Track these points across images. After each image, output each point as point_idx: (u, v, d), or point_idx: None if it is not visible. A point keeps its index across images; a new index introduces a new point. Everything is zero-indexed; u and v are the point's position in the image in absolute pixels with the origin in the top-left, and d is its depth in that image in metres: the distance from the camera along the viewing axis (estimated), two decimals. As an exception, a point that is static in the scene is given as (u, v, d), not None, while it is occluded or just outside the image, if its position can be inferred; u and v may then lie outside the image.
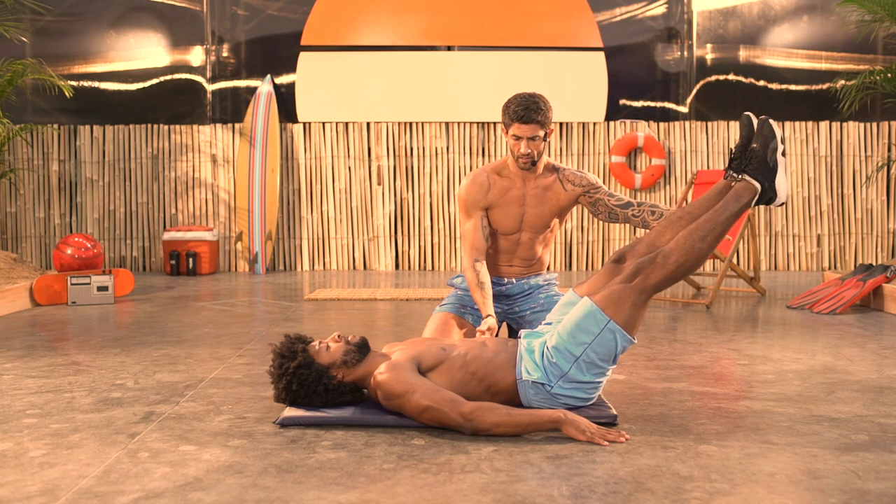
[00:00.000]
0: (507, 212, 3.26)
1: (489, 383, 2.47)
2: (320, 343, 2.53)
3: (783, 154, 2.53)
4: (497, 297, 3.33)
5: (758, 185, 2.52)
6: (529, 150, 3.14)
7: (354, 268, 8.66)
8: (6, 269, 5.93)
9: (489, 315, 3.00)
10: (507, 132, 3.17)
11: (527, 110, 3.08)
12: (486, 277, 3.15)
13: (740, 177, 2.53)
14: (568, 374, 2.44)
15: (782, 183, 2.53)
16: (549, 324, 2.65)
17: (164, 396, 2.83)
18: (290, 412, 2.46)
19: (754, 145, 2.52)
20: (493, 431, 2.29)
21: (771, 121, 2.56)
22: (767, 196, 2.54)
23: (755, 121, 2.57)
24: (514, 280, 3.36)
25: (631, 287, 2.44)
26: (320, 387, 2.46)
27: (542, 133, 3.13)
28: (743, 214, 2.53)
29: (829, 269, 8.53)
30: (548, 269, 3.54)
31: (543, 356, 2.47)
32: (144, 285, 6.98)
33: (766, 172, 2.51)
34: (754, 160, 2.51)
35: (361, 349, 2.52)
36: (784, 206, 2.56)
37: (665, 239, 2.60)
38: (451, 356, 2.48)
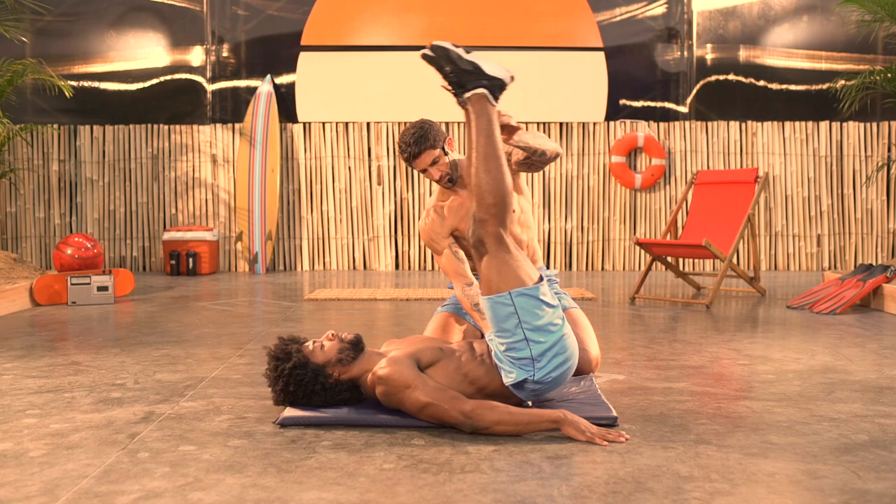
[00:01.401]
0: (469, 221, 3.28)
1: (480, 386, 2.46)
2: (314, 343, 2.53)
3: (466, 51, 2.51)
4: None
5: (480, 90, 2.49)
6: (439, 174, 3.20)
7: (354, 268, 8.66)
8: (6, 269, 5.93)
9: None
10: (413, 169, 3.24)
11: (407, 151, 3.17)
12: (479, 298, 3.19)
13: (467, 97, 2.50)
14: (534, 355, 2.42)
15: (493, 67, 2.51)
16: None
17: (164, 396, 2.83)
18: (290, 412, 2.45)
19: (446, 68, 2.50)
20: (493, 430, 2.29)
21: (435, 42, 2.52)
22: (496, 87, 2.51)
23: (430, 53, 2.53)
24: None
25: (487, 257, 2.43)
26: (317, 386, 2.46)
27: (435, 154, 3.17)
28: (494, 118, 2.50)
29: (829, 269, 8.53)
30: (548, 266, 3.54)
31: (507, 360, 2.47)
32: (144, 285, 6.98)
33: (475, 74, 2.49)
34: (458, 76, 2.49)
35: (356, 347, 2.51)
36: (513, 79, 2.53)
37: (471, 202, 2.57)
38: (448, 356, 2.48)
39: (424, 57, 2.51)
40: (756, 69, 8.70)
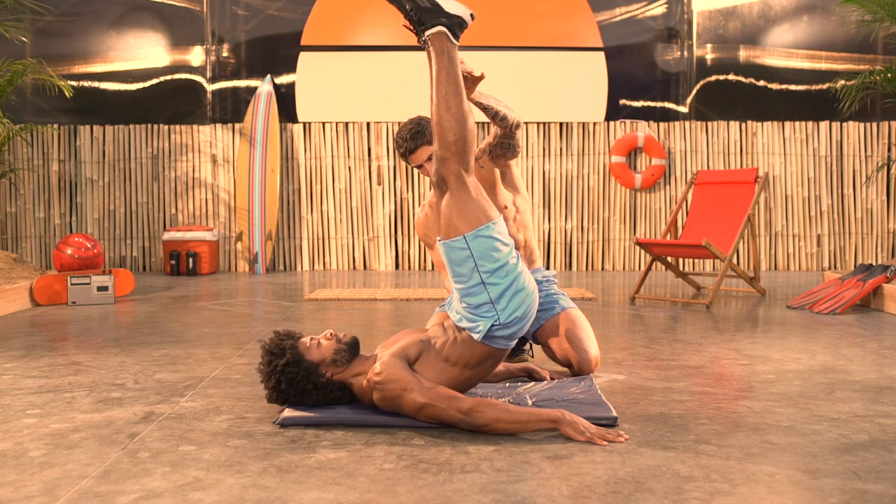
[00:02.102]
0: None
1: (463, 363, 2.46)
2: (311, 339, 2.52)
3: None
4: None
5: (440, 28, 2.50)
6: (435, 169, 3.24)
7: (354, 268, 8.66)
8: (6, 269, 5.93)
9: None
10: (409, 165, 3.30)
11: (404, 146, 3.27)
12: None
13: (426, 35, 2.51)
14: (492, 297, 2.43)
15: (451, 4, 2.52)
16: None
17: (164, 396, 2.83)
18: (290, 412, 2.45)
19: (406, 6, 2.51)
20: (492, 427, 2.29)
21: None
22: (454, 25, 2.52)
23: None
24: None
25: (447, 195, 2.45)
26: (309, 384, 2.45)
27: (431, 150, 3.21)
28: (455, 56, 2.50)
29: (829, 269, 8.53)
30: (547, 267, 3.56)
31: (468, 310, 2.47)
32: (144, 285, 6.98)
33: (434, 12, 2.50)
34: (418, 14, 2.50)
35: (352, 349, 2.51)
36: (473, 17, 2.53)
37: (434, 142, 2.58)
38: (427, 347, 2.49)
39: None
40: (756, 69, 8.70)
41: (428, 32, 2.51)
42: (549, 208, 8.67)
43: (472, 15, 2.54)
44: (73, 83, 8.31)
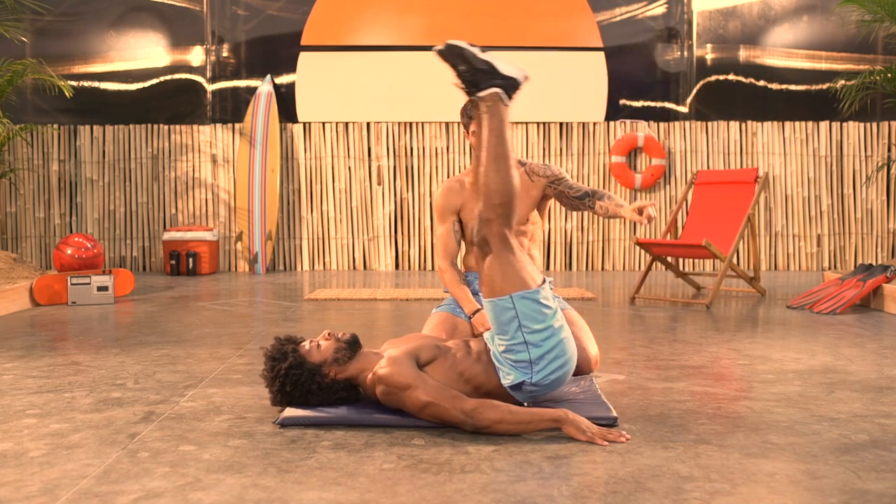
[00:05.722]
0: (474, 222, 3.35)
1: (476, 385, 2.46)
2: (311, 342, 2.53)
3: (482, 50, 2.48)
4: None
5: (495, 89, 2.47)
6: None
7: (354, 268, 8.66)
8: (6, 269, 5.93)
9: (478, 309, 3.17)
10: (468, 133, 3.29)
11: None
12: (462, 276, 3.36)
13: (481, 96, 2.48)
14: (532, 358, 2.42)
15: (507, 66, 2.48)
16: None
17: (164, 396, 2.83)
18: (290, 412, 2.45)
19: (461, 67, 2.47)
20: (494, 429, 2.29)
21: (450, 41, 2.49)
22: (511, 87, 2.49)
23: (444, 50, 2.48)
24: None
25: (490, 257, 2.43)
26: (314, 385, 2.46)
27: None
28: (506, 118, 2.47)
29: (829, 269, 8.53)
30: (546, 270, 3.59)
31: (505, 361, 2.46)
32: (144, 285, 6.98)
33: (489, 73, 2.46)
34: (472, 75, 2.46)
35: (352, 346, 2.51)
36: (528, 79, 2.51)
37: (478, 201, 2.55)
38: (444, 353, 2.49)
39: (439, 53, 2.48)
40: (756, 69, 8.70)
41: (482, 94, 2.47)
42: (548, 208, 8.66)
43: (526, 77, 2.50)
44: (73, 83, 8.31)
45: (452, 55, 2.45)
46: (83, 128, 8.58)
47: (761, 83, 8.69)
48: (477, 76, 2.46)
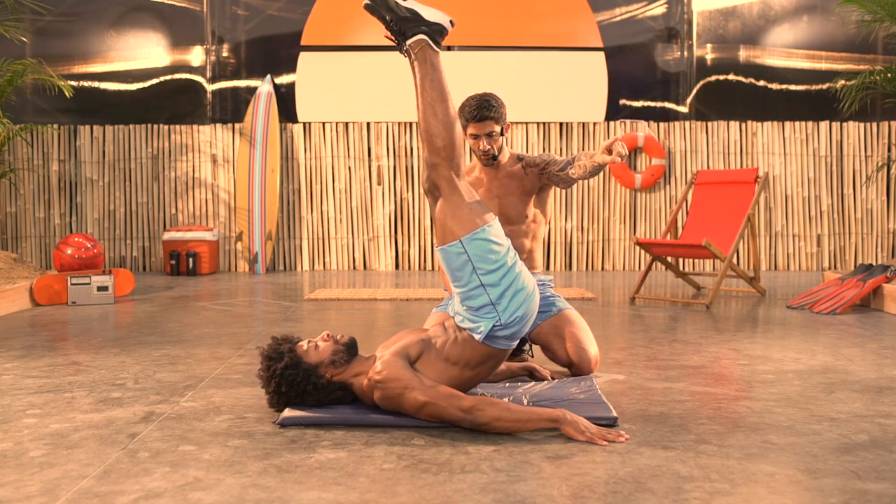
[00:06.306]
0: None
1: (463, 362, 2.48)
2: (309, 342, 2.53)
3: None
4: None
5: (421, 35, 2.54)
6: (489, 147, 3.31)
7: (354, 268, 8.66)
8: (6, 269, 5.93)
9: None
10: (466, 133, 3.31)
11: (479, 108, 3.26)
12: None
13: (407, 44, 2.56)
14: (493, 299, 2.45)
15: (431, 13, 2.56)
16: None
17: (164, 396, 2.83)
18: (290, 412, 2.45)
19: (387, 17, 2.55)
20: (493, 426, 2.29)
21: None
22: (435, 33, 2.56)
23: (370, 3, 2.56)
24: None
25: (441, 201, 2.48)
26: (309, 386, 2.46)
27: (497, 129, 3.30)
28: (438, 63, 2.54)
29: (829, 269, 8.53)
30: (546, 270, 3.59)
31: (469, 311, 2.50)
32: (144, 285, 6.98)
33: (414, 21, 2.54)
34: (399, 24, 2.54)
35: (350, 349, 2.52)
36: (453, 24, 2.60)
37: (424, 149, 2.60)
38: (428, 347, 2.50)
39: (366, 7, 2.56)
40: (756, 69, 8.70)
41: (409, 41, 2.54)
42: (549, 205, 8.65)
43: (451, 21, 2.58)
44: (73, 83, 8.31)
45: (379, 6, 2.53)
46: (83, 128, 8.58)
47: (761, 83, 8.69)
48: (403, 25, 2.54)
